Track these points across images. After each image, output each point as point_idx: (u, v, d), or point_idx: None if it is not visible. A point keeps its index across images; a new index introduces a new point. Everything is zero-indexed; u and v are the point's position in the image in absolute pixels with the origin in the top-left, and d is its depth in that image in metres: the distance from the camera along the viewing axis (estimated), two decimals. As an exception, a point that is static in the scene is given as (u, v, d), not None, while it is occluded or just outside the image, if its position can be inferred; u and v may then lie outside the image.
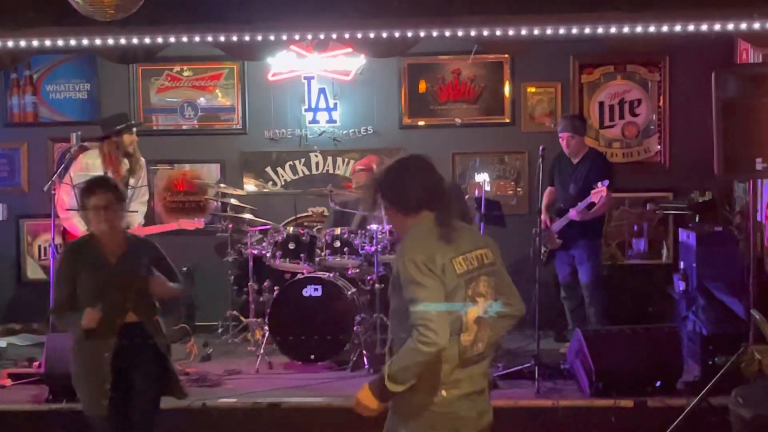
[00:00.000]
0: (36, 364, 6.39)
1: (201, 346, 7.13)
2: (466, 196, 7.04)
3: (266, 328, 6.74)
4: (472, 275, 3.12)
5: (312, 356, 6.58)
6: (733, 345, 5.27)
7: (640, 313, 7.22)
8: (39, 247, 8.37)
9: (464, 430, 3.12)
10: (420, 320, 2.95)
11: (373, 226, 6.65)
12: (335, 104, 8.26)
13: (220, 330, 7.55)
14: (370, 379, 3.18)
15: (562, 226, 6.84)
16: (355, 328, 6.52)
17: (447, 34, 6.23)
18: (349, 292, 6.70)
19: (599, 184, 6.44)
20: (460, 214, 3.26)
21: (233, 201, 7.58)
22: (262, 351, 6.66)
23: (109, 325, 4.23)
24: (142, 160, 6.75)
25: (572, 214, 6.68)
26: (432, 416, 3.08)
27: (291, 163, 8.33)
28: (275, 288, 6.97)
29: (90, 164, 6.59)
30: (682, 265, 6.91)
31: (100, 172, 6.49)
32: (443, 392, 3.06)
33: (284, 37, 6.30)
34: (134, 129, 6.73)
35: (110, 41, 6.26)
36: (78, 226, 6.32)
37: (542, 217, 6.84)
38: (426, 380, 3.05)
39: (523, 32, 6.14)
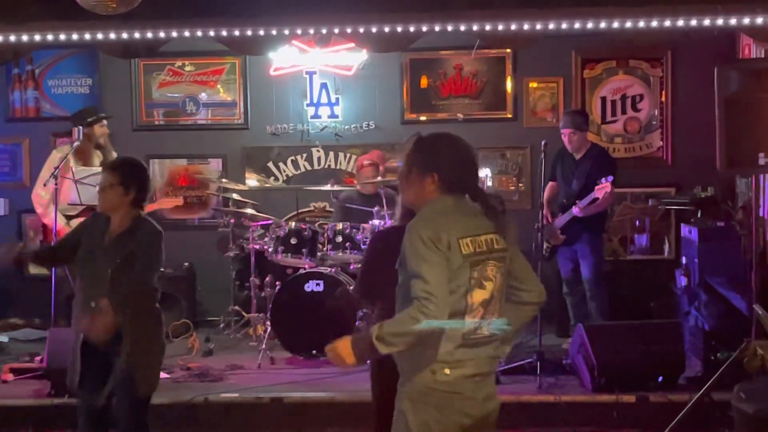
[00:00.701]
0: (38, 359, 6.38)
1: (203, 342, 7.13)
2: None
3: (268, 323, 6.74)
4: (480, 258, 3.12)
5: (314, 351, 6.57)
6: (736, 340, 5.25)
7: (642, 309, 7.18)
8: (41, 242, 8.36)
9: (470, 412, 3.12)
10: (422, 292, 2.97)
11: (375, 222, 6.64)
12: (337, 99, 8.26)
13: (222, 325, 7.54)
14: (354, 335, 3.21)
15: (565, 222, 6.83)
16: (357, 323, 6.51)
17: (449, 28, 6.20)
18: (351, 288, 6.69)
19: (603, 180, 6.43)
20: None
21: (235, 196, 7.58)
22: (264, 346, 6.65)
23: (84, 305, 4.16)
24: (114, 153, 6.76)
25: (576, 210, 6.67)
26: (438, 396, 3.08)
27: (293, 158, 8.33)
28: (277, 283, 6.97)
29: (61, 159, 6.60)
30: (684, 260, 6.92)
31: (71, 166, 6.53)
32: (446, 371, 3.07)
33: (286, 32, 6.28)
34: (105, 121, 6.80)
35: (112, 36, 6.24)
36: (59, 222, 6.33)
37: (544, 212, 6.84)
38: (430, 360, 3.06)
39: (525, 27, 6.11)
